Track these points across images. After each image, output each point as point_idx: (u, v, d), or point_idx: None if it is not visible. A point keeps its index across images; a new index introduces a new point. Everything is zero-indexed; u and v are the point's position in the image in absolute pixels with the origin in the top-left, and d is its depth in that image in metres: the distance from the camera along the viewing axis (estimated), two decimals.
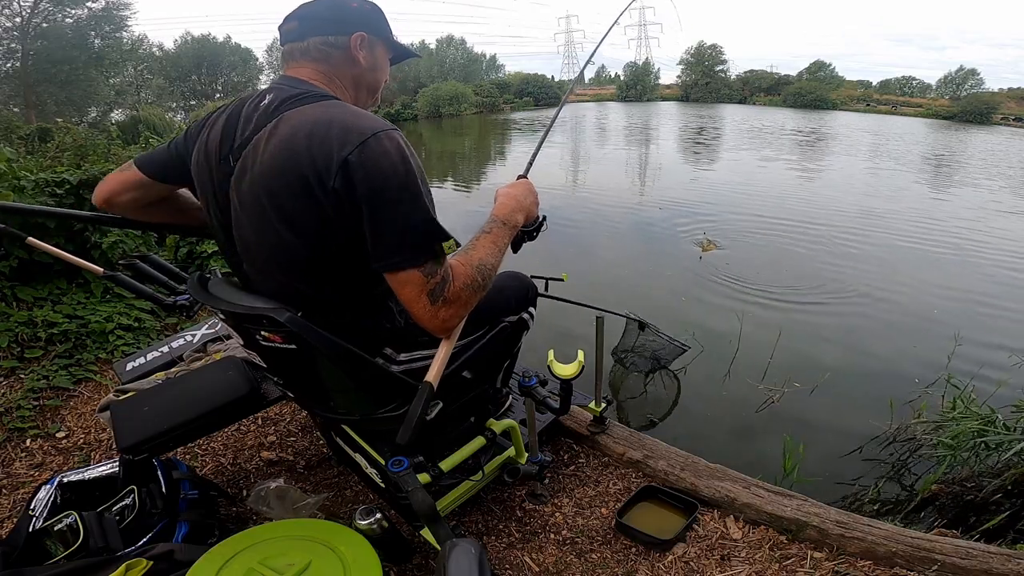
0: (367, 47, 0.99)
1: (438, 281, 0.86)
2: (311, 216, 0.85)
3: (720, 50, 48.90)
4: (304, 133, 0.84)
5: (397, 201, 0.83)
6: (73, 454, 1.81)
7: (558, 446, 1.84)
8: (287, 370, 1.14)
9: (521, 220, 1.07)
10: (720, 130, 20.23)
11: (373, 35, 0.99)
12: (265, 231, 0.90)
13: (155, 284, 1.57)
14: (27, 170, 2.68)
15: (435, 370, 0.90)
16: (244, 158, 0.90)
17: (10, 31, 19.47)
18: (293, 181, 0.83)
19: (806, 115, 30.44)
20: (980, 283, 4.71)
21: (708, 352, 3.22)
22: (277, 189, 0.86)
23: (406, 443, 0.84)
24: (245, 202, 0.91)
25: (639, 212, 7.09)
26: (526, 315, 1.36)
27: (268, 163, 0.86)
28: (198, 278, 1.11)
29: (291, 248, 0.90)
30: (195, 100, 33.29)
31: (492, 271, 0.96)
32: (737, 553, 1.42)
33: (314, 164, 0.82)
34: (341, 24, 0.95)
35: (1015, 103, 36.78)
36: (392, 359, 1.07)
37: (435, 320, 0.88)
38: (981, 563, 1.26)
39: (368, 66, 1.00)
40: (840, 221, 6.59)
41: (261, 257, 0.96)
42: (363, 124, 0.84)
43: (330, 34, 0.95)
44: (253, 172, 0.88)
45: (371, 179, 0.81)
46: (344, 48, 0.96)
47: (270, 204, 0.87)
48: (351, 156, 0.80)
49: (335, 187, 0.81)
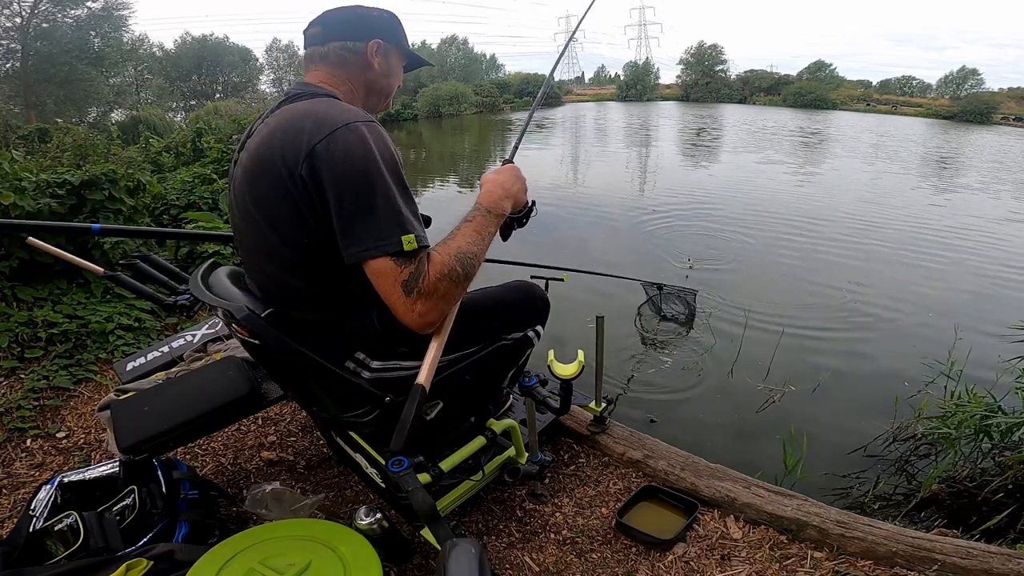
0: (382, 53, 1.04)
1: (412, 271, 0.84)
2: (285, 208, 0.87)
3: (720, 50, 48.96)
4: (283, 127, 0.87)
5: (362, 191, 0.83)
6: (73, 454, 1.81)
7: (558, 446, 1.84)
8: (267, 364, 1.17)
9: (508, 207, 1.03)
10: (721, 131, 20.22)
11: (389, 43, 1.05)
12: (249, 224, 0.93)
13: (155, 284, 1.57)
14: (28, 171, 2.68)
15: (425, 371, 0.88)
16: (240, 157, 0.96)
17: (10, 31, 19.47)
18: (269, 172, 0.86)
19: (806, 115, 30.43)
20: (981, 283, 4.71)
21: (709, 352, 3.23)
22: (255, 181, 0.89)
23: (400, 449, 0.83)
24: (236, 196, 0.96)
25: (636, 214, 7.09)
26: (531, 333, 1.30)
27: (250, 158, 0.90)
28: (203, 271, 1.13)
29: (271, 241, 0.91)
30: (195, 100, 33.24)
31: (474, 261, 0.92)
32: (737, 553, 1.42)
33: (284, 155, 0.84)
34: (360, 31, 1.01)
35: (1015, 103, 36.77)
36: (365, 365, 1.04)
37: (412, 314, 0.86)
38: (981, 563, 1.26)
39: (381, 72, 1.05)
40: (841, 222, 6.60)
41: (251, 250, 0.98)
42: (337, 116, 0.86)
43: (349, 39, 1.01)
44: (241, 167, 0.93)
45: (335, 168, 0.82)
46: (360, 53, 1.02)
47: (250, 197, 0.91)
48: (318, 145, 0.82)
49: (302, 175, 0.83)
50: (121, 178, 2.92)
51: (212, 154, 5.47)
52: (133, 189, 3.08)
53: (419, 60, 1.15)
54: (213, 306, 1.01)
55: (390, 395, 1.06)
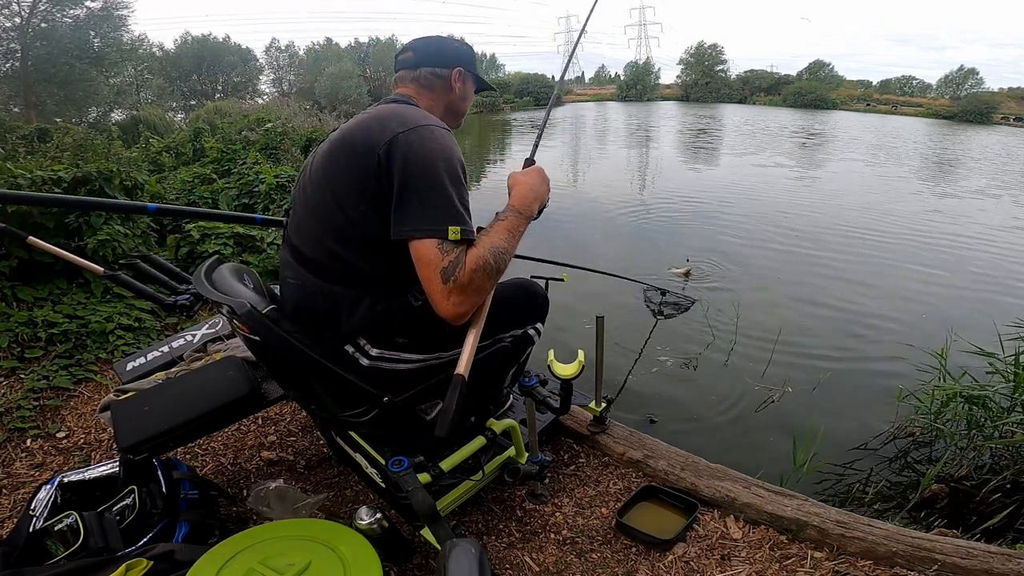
0: (462, 80, 1.21)
1: (452, 259, 0.92)
2: (355, 182, 0.97)
3: (720, 50, 48.92)
4: (372, 118, 1.02)
5: (425, 178, 0.94)
6: (73, 454, 1.81)
7: (558, 446, 1.84)
8: (267, 361, 1.18)
9: (536, 210, 1.12)
10: (721, 132, 20.19)
11: (467, 70, 1.22)
12: (317, 194, 1.04)
13: (155, 284, 1.57)
14: (26, 169, 2.68)
15: (464, 362, 0.93)
16: (322, 145, 1.09)
17: (9, 31, 19.45)
18: (350, 149, 0.99)
19: (807, 115, 30.41)
20: (980, 282, 4.71)
21: (709, 352, 3.23)
22: (336, 156, 1.02)
23: (444, 435, 0.86)
24: (311, 170, 1.08)
25: (637, 214, 7.08)
26: (532, 330, 1.34)
27: (335, 139, 1.04)
28: (207, 268, 1.14)
29: (333, 212, 1.01)
30: (195, 100, 33.19)
31: (506, 256, 0.99)
32: (737, 553, 1.42)
33: (369, 137, 0.97)
34: (446, 59, 1.18)
35: (1015, 103, 36.77)
36: (364, 351, 1.08)
37: (447, 303, 0.93)
38: (981, 563, 1.26)
39: (460, 95, 1.22)
40: (842, 223, 6.59)
41: (311, 218, 1.06)
42: (420, 119, 1.00)
43: (437, 66, 1.17)
44: (324, 148, 1.06)
45: (408, 155, 0.94)
46: (446, 79, 1.18)
47: (324, 171, 1.03)
48: (401, 135, 0.96)
49: (380, 153, 0.95)
50: (116, 176, 2.92)
51: (212, 154, 5.47)
52: (130, 188, 3.08)
53: (486, 85, 1.31)
54: (216, 302, 1.02)
55: (388, 395, 1.07)
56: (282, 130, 6.71)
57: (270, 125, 6.84)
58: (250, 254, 3.27)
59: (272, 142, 6.27)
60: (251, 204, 4.39)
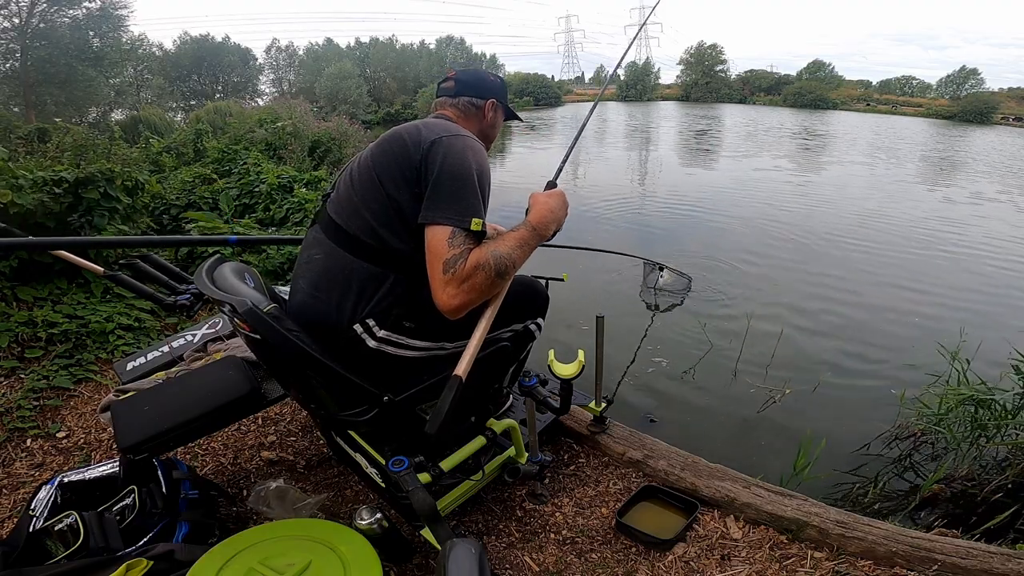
0: (493, 110, 1.34)
1: (456, 253, 0.99)
2: (399, 172, 1.08)
3: (720, 50, 49.04)
4: (419, 126, 1.14)
5: (456, 178, 1.05)
6: (73, 454, 1.81)
7: (558, 446, 1.84)
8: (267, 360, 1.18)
9: (551, 232, 1.18)
10: (722, 132, 20.17)
11: (500, 102, 1.35)
12: (365, 178, 1.13)
13: (155, 284, 1.57)
14: (26, 169, 2.68)
15: (464, 364, 0.97)
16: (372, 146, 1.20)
17: (9, 31, 19.45)
18: (399, 145, 1.11)
19: (807, 115, 30.40)
20: (980, 282, 4.71)
21: (710, 352, 3.22)
22: (387, 149, 1.13)
23: (434, 433, 0.89)
24: (361, 160, 1.19)
25: (637, 214, 7.08)
26: (532, 326, 1.38)
27: (386, 136, 1.16)
28: (208, 267, 1.15)
29: (378, 195, 1.11)
30: (195, 100, 33.21)
31: (509, 264, 1.04)
32: (737, 553, 1.42)
33: (417, 138, 1.10)
34: (483, 91, 1.32)
35: (1015, 102, 36.79)
36: (371, 332, 1.12)
37: (443, 294, 0.99)
38: (981, 563, 1.26)
39: (491, 123, 1.35)
40: (843, 223, 6.60)
41: (358, 199, 1.14)
42: (459, 132, 1.13)
43: (475, 96, 1.31)
44: (375, 143, 1.18)
45: (445, 157, 1.06)
46: (481, 108, 1.32)
47: (375, 160, 1.13)
48: (445, 137, 1.09)
49: (424, 148, 1.07)
50: (117, 176, 2.92)
51: (212, 154, 5.48)
52: (131, 188, 3.08)
53: (513, 115, 1.43)
54: (217, 300, 1.02)
55: (388, 394, 1.07)
56: (292, 130, 6.71)
57: (280, 123, 6.83)
58: (250, 254, 3.28)
59: (279, 142, 6.27)
60: (251, 204, 4.39)
